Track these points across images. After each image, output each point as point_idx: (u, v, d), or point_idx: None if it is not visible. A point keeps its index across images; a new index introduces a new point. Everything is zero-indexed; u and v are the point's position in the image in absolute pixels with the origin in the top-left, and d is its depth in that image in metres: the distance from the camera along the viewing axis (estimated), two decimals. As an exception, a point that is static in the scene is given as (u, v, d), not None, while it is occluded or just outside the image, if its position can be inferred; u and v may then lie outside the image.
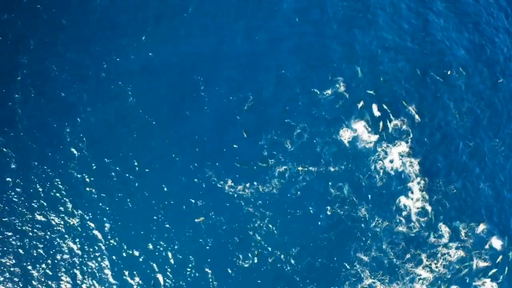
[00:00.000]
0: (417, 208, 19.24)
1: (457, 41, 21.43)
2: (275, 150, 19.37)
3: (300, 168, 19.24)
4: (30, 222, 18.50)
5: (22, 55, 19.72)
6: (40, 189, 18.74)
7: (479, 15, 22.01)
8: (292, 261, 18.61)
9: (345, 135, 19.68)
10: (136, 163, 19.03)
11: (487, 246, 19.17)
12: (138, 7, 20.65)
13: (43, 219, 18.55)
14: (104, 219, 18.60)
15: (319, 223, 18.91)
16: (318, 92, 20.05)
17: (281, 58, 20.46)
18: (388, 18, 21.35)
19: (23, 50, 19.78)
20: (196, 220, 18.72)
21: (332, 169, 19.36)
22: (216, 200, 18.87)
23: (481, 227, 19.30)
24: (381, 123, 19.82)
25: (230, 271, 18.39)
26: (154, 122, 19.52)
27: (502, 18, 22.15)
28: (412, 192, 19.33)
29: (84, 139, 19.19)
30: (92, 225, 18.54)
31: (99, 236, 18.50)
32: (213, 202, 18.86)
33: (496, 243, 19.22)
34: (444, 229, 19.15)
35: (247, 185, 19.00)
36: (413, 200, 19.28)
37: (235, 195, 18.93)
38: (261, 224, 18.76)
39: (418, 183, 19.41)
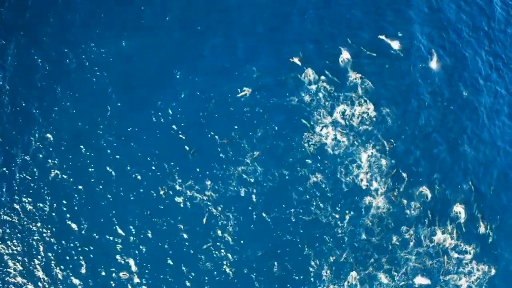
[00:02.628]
0: (383, 213, 19.11)
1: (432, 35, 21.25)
2: (236, 152, 19.34)
3: (262, 172, 19.20)
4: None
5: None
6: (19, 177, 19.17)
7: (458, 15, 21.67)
8: (254, 265, 18.67)
9: (311, 139, 19.55)
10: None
11: (452, 254, 18.99)
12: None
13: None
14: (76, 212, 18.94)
15: (282, 227, 18.88)
16: (283, 97, 19.94)
17: (246, 58, 20.44)
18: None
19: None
20: (147, 213, 18.89)
21: (296, 174, 19.29)
22: (175, 201, 18.93)
23: (446, 233, 19.10)
24: (349, 127, 19.66)
25: (190, 273, 18.50)
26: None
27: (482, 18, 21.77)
28: (377, 197, 19.19)
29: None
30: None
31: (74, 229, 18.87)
32: (171, 203, 18.92)
33: (462, 250, 19.04)
34: (408, 235, 19.00)
35: (208, 186, 19.01)
36: (379, 205, 19.14)
37: (194, 197, 18.98)
38: (223, 227, 18.81)
39: (384, 188, 19.26)
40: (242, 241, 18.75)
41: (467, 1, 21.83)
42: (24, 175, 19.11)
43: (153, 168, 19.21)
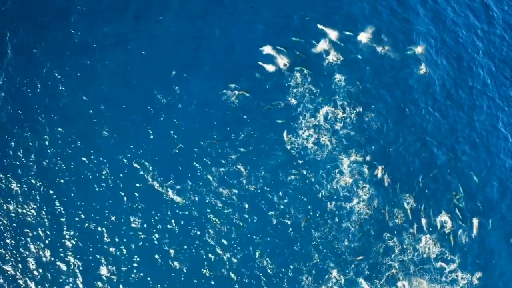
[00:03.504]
0: (365, 219, 18.89)
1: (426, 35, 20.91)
2: (220, 153, 19.43)
3: (245, 174, 19.23)
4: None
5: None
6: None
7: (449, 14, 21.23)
8: (234, 267, 18.70)
9: (295, 142, 19.48)
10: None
11: (437, 263, 18.64)
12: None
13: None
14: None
15: (263, 230, 18.87)
16: (270, 99, 19.95)
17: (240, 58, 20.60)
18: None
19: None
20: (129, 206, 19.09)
21: (279, 177, 19.26)
22: (156, 204, 19.12)
23: (431, 241, 18.74)
24: (332, 131, 19.52)
25: (173, 274, 18.70)
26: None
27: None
28: (359, 203, 18.98)
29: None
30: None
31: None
32: (152, 205, 19.10)
33: (447, 259, 18.68)
34: (392, 242, 18.73)
35: (189, 187, 19.13)
36: (361, 211, 18.93)
37: (176, 200, 19.15)
38: (203, 228, 18.93)
39: (367, 194, 19.03)
40: (222, 243, 18.83)
41: (462, 5, 21.37)
42: (19, 170, 19.60)
43: (143, 166, 19.50)
